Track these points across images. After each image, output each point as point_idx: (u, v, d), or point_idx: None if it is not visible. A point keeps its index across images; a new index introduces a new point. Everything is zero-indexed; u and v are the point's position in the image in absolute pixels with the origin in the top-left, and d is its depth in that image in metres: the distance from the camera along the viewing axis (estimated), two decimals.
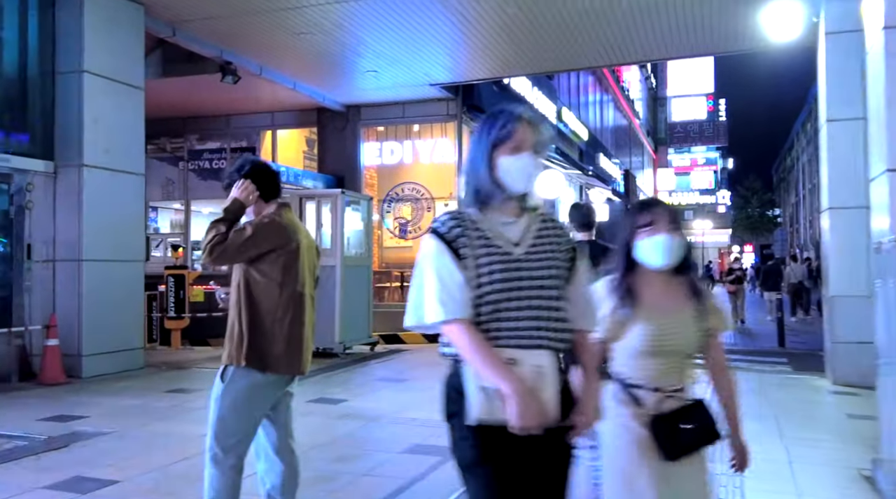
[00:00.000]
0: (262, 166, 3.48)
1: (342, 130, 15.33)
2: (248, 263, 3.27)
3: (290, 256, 3.31)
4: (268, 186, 3.43)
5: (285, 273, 3.28)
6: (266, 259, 3.26)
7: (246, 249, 3.23)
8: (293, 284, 3.31)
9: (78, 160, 8.47)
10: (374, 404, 7.03)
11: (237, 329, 3.25)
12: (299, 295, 3.34)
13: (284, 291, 3.28)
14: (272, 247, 3.26)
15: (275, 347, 3.24)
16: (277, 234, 3.29)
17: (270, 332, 3.24)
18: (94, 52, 8.60)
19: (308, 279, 3.42)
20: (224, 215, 3.30)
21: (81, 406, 6.76)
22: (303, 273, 3.37)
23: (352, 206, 10.91)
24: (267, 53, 11.67)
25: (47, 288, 8.45)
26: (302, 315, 3.35)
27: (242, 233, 3.25)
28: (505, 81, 16.01)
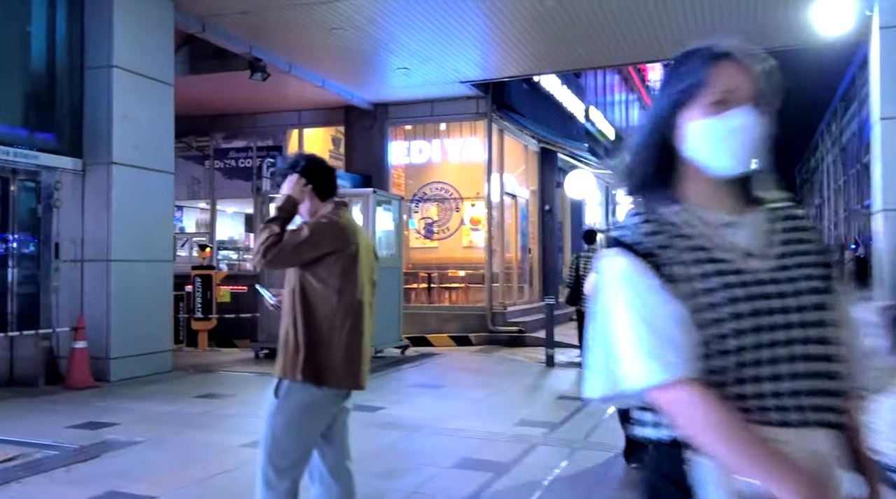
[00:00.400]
0: (317, 162, 3.20)
1: (369, 129, 15.06)
2: (303, 266, 2.99)
3: (348, 259, 3.03)
4: (324, 182, 3.15)
5: (344, 278, 3.00)
6: (323, 263, 2.98)
7: (302, 252, 2.95)
8: (352, 290, 3.03)
9: (107, 158, 8.26)
10: (414, 413, 6.74)
11: (292, 339, 2.98)
12: (358, 302, 3.05)
13: (343, 297, 3.00)
14: (330, 249, 2.99)
15: (332, 358, 2.96)
16: (336, 235, 3.02)
17: (328, 342, 2.96)
18: (123, 47, 8.39)
19: (367, 285, 3.14)
20: (277, 214, 3.03)
21: (111, 412, 6.53)
22: (361, 278, 3.09)
23: (382, 206, 10.64)
24: (297, 50, 11.43)
25: (75, 289, 8.25)
26: (361, 324, 3.06)
27: (298, 234, 2.97)
28: (535, 79, 15.69)
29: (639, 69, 32.96)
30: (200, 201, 16.52)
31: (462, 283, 14.97)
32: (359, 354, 3.05)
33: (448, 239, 15.27)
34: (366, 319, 3.10)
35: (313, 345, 2.95)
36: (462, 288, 14.98)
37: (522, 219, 16.66)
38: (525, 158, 16.93)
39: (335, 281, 2.99)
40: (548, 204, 17.54)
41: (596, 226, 23.40)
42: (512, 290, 15.74)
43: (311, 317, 2.97)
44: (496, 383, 8.54)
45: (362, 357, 3.07)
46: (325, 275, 2.98)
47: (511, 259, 15.90)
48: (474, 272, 14.79)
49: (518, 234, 16.32)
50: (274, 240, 2.94)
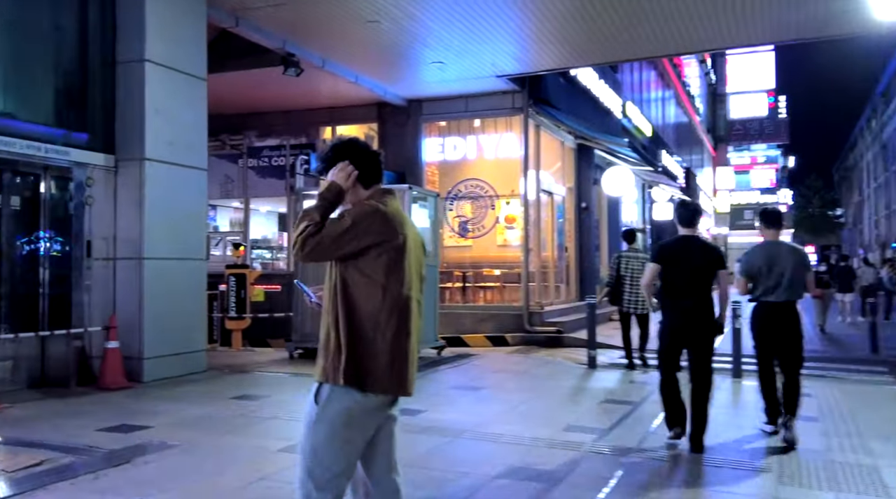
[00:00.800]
0: (360, 146, 2.93)
1: (403, 126, 14.82)
2: (345, 259, 2.72)
3: (395, 252, 2.74)
4: (368, 168, 2.88)
5: (389, 273, 2.72)
6: (368, 255, 2.70)
7: (344, 243, 2.68)
8: (398, 286, 2.74)
9: (139, 154, 8.10)
10: (455, 416, 6.45)
11: (333, 339, 2.70)
12: (406, 299, 2.77)
13: (388, 294, 2.72)
14: (375, 241, 2.70)
15: (377, 361, 2.69)
16: (382, 225, 2.73)
17: (372, 343, 2.69)
18: (155, 40, 8.22)
19: (415, 281, 2.85)
20: (319, 202, 2.77)
21: (144, 414, 6.34)
22: (409, 273, 2.81)
23: (418, 202, 10.37)
24: (331, 44, 11.21)
25: (107, 287, 8.10)
26: (408, 323, 2.78)
27: (340, 223, 2.69)
28: (572, 73, 15.32)
29: (675, 65, 32.38)
30: (234, 200, 16.41)
31: (497, 282, 14.66)
32: (406, 357, 2.76)
33: (483, 237, 14.97)
34: (413, 317, 2.81)
35: (356, 345, 2.68)
36: (497, 287, 14.67)
37: (559, 217, 16.29)
38: (561, 155, 16.56)
39: (380, 275, 2.71)
40: (584, 201, 17.16)
41: (633, 225, 22.95)
42: (549, 289, 15.38)
43: (353, 315, 2.69)
44: (538, 386, 8.22)
45: (409, 359, 2.79)
46: (368, 269, 2.70)
47: (547, 258, 15.54)
48: (510, 271, 14.47)
49: (554, 232, 15.96)
50: (312, 230, 2.68)
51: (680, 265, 5.55)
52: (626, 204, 21.61)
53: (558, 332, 13.24)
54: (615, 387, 8.25)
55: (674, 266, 5.58)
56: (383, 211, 2.77)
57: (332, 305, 2.74)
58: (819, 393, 7.97)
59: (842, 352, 13.01)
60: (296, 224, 2.76)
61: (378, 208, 2.76)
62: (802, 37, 11.47)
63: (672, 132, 33.35)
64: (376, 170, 2.92)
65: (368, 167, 2.88)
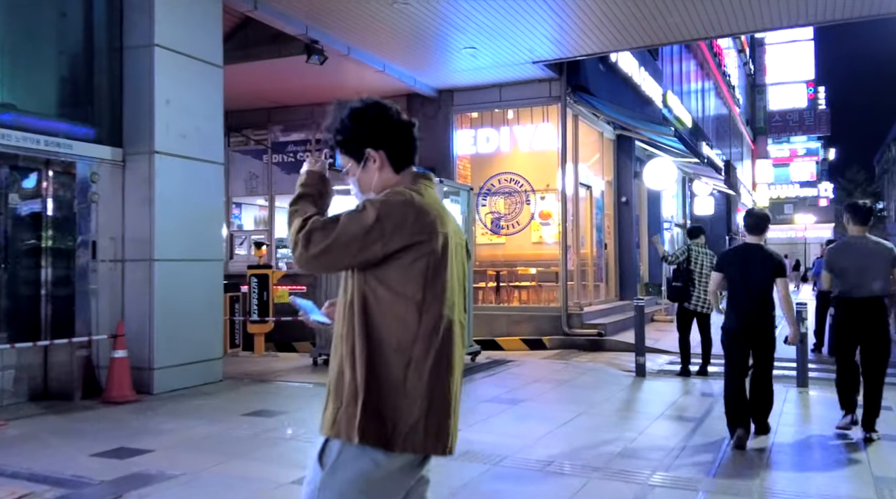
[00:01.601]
0: (391, 113, 2.17)
1: (433, 118, 14.09)
2: (366, 268, 2.00)
3: (435, 258, 2.01)
4: (400, 143, 2.17)
5: (427, 286, 2.00)
6: (397, 262, 1.98)
7: (367, 245, 1.95)
8: (438, 304, 2.01)
9: (149, 147, 7.48)
10: (493, 438, 5.71)
11: (348, 379, 1.98)
12: (448, 323, 2.04)
13: (425, 316, 1.99)
14: (408, 242, 1.98)
15: (408, 409, 1.96)
16: (417, 221, 2.00)
17: (401, 384, 1.96)
18: (166, 24, 7.59)
19: (458, 297, 2.12)
20: (301, 191, 2.16)
21: (147, 435, 5.70)
22: (452, 286, 2.08)
23: (451, 197, 9.64)
24: (356, 30, 10.50)
25: (115, 291, 7.50)
26: (451, 355, 2.05)
27: (360, 217, 1.97)
28: (612, 59, 14.47)
29: (715, 54, 31.24)
30: (259, 197, 15.84)
31: (533, 281, 13.89)
32: (447, 402, 2.03)
33: (517, 234, 14.20)
34: (457, 347, 2.08)
35: (380, 388, 1.96)
36: (533, 287, 13.89)
37: (597, 212, 15.45)
38: (600, 146, 15.71)
39: (414, 290, 1.98)
40: (624, 196, 16.29)
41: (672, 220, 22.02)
42: (588, 288, 14.57)
43: (377, 345, 1.97)
44: (583, 398, 7.45)
45: (452, 405, 2.05)
46: (398, 281, 1.98)
47: (586, 255, 14.72)
48: (546, 270, 13.68)
49: (593, 228, 15.13)
50: (316, 222, 1.98)
51: (742, 273, 5.72)
52: (666, 198, 20.67)
53: (599, 334, 12.44)
54: (671, 399, 7.44)
55: (736, 274, 5.76)
56: (419, 202, 2.03)
57: (347, 331, 2.02)
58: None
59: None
60: (290, 221, 2.05)
61: (412, 198, 2.03)
62: (848, 16, 10.51)
63: (712, 124, 32.20)
64: (409, 146, 2.19)
65: (400, 143, 2.16)
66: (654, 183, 16.00)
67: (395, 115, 2.17)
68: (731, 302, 5.81)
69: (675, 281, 9.19)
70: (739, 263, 5.76)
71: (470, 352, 9.82)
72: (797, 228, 62.04)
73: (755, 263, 5.67)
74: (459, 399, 2.12)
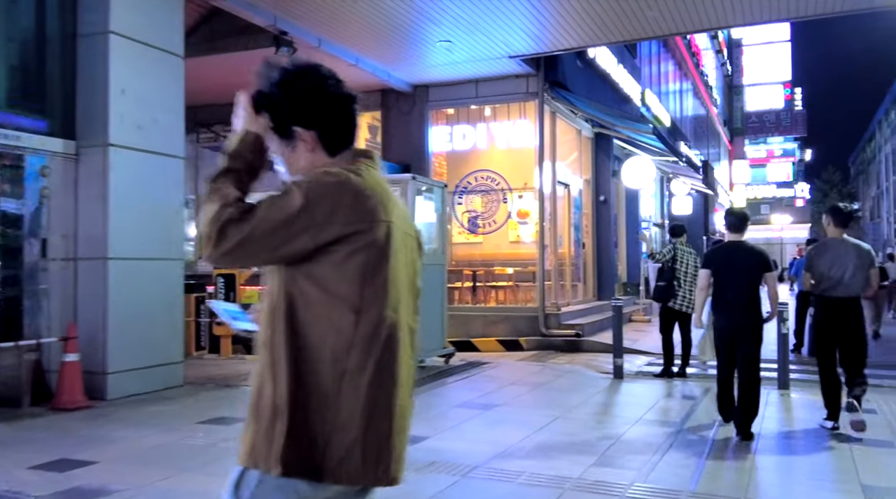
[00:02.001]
0: (327, 83, 1.80)
1: (408, 114, 13.77)
2: (292, 263, 1.67)
3: (375, 251, 1.68)
4: (336, 120, 1.81)
5: (365, 284, 1.67)
6: (329, 257, 1.64)
7: (291, 236, 1.62)
8: (380, 305, 1.69)
9: (103, 139, 7.09)
10: (463, 445, 5.41)
11: (269, 396, 1.66)
12: (391, 327, 1.71)
13: (363, 319, 1.66)
14: (343, 232, 1.64)
15: (343, 430, 1.64)
16: (354, 206, 1.66)
17: (333, 399, 1.64)
18: (121, 10, 7.21)
19: (406, 297, 1.79)
20: (228, 165, 1.74)
21: (93, 445, 5.34)
22: (397, 285, 1.75)
23: (424, 194, 9.33)
24: (327, 22, 10.16)
25: (67, 292, 7.10)
26: (395, 366, 1.72)
27: (284, 202, 1.63)
28: (590, 55, 14.23)
29: (693, 53, 31.20)
30: None
31: (510, 281, 13.61)
32: (390, 420, 1.71)
33: (494, 233, 13.92)
34: (404, 355, 1.75)
35: (308, 406, 1.63)
36: (510, 287, 13.61)
37: (575, 210, 15.22)
38: (578, 144, 15.49)
39: (350, 289, 1.65)
40: (603, 194, 16.09)
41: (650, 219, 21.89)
42: (565, 288, 14.33)
43: (304, 354, 1.65)
44: (559, 402, 7.17)
45: (396, 425, 1.73)
46: (330, 278, 1.65)
47: (564, 255, 14.48)
48: (523, 270, 13.41)
49: (571, 227, 14.89)
50: (234, 214, 1.63)
51: (729, 270, 5.98)
52: (644, 198, 20.51)
53: (577, 335, 12.19)
54: (650, 402, 7.19)
55: (723, 271, 6.02)
56: (357, 183, 1.69)
57: (269, 338, 1.70)
58: (884, 408, 6.93)
59: (888, 355, 11.89)
60: (204, 204, 1.71)
61: (348, 179, 1.69)
62: (821, 12, 10.37)
63: (689, 124, 32.17)
64: (347, 127, 1.85)
65: (336, 123, 1.82)
66: (633, 182, 15.79)
67: (333, 86, 1.82)
68: (718, 300, 6.04)
69: (660, 280, 8.93)
70: (725, 259, 6.06)
71: (443, 354, 9.52)
72: (774, 229, 62.46)
73: (741, 260, 5.97)
74: (410, 416, 1.81)
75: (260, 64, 1.81)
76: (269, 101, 1.77)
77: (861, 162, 78.94)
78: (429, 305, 9.08)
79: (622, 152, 17.09)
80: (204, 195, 1.69)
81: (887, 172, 61.65)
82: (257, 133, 1.76)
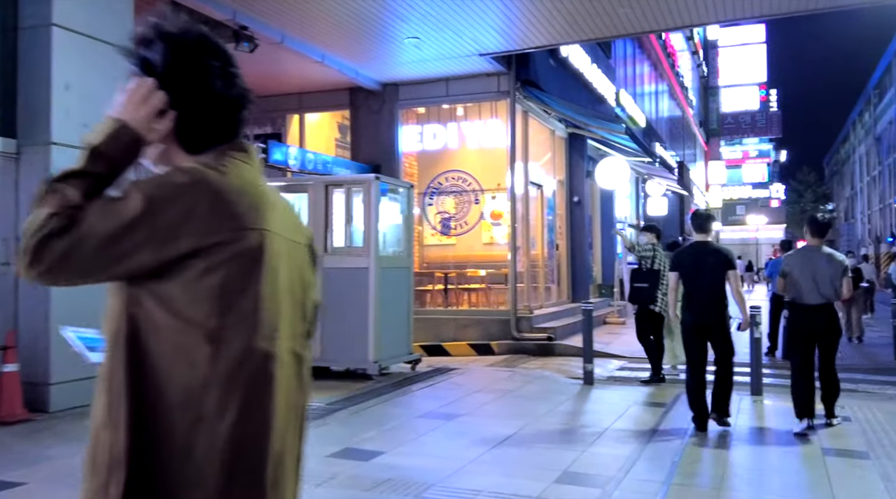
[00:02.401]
0: (217, 53, 1.48)
1: (378, 113, 13.48)
2: (135, 281, 1.34)
3: (241, 268, 1.35)
4: (206, 107, 1.47)
5: (229, 308, 1.34)
6: (182, 272, 1.32)
7: (127, 252, 1.29)
8: (246, 333, 1.36)
9: (45, 137, 6.72)
10: (420, 461, 5.13)
11: (107, 444, 1.33)
12: (261, 360, 1.39)
13: (225, 350, 1.34)
14: (197, 244, 1.31)
15: (194, 489, 1.32)
16: (213, 213, 1.34)
17: (187, 451, 1.32)
18: (66, 1, 6.84)
19: (288, 319, 1.47)
20: (84, 164, 1.36)
21: (26, 463, 4.99)
22: (274, 308, 1.42)
23: (388, 195, 9.04)
24: (290, 15, 9.83)
25: (6, 298, 6.72)
26: (268, 406, 1.39)
27: (118, 209, 1.30)
28: (563, 54, 14.01)
29: (669, 54, 31.17)
30: None
31: (482, 283, 13.36)
32: (260, 475, 1.38)
33: (466, 235, 13.67)
34: (282, 391, 1.42)
35: (154, 458, 1.32)
36: (483, 289, 13.37)
37: (549, 212, 15.01)
38: (552, 145, 15.27)
39: (207, 314, 1.32)
40: (576, 195, 15.89)
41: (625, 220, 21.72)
42: (538, 291, 14.09)
43: (150, 394, 1.33)
44: (525, 411, 6.91)
45: (266, 479, 1.38)
46: (184, 301, 1.32)
47: (537, 256, 14.25)
48: (496, 272, 13.16)
49: (544, 228, 14.67)
50: (61, 224, 1.29)
51: (696, 269, 6.26)
52: (619, 198, 20.37)
53: (549, 338, 11.97)
54: (619, 410, 6.94)
55: (690, 270, 6.30)
56: (217, 184, 1.36)
57: (107, 372, 1.38)
58: (858, 415, 6.73)
59: (865, 359, 11.79)
60: (32, 209, 1.38)
61: (204, 177, 1.35)
62: (795, 9, 10.24)
63: (665, 126, 32.16)
64: (228, 112, 1.51)
65: (208, 108, 1.47)
66: (607, 182, 15.62)
67: (222, 58, 1.47)
68: (686, 298, 6.32)
69: (640, 282, 8.66)
70: (692, 260, 6.33)
71: (409, 360, 9.22)
72: (749, 229, 62.85)
73: (707, 259, 6.24)
74: (293, 464, 1.49)
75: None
76: (136, 60, 1.44)
77: (835, 163, 79.71)
78: (394, 309, 8.79)
79: (596, 153, 16.92)
80: (35, 197, 1.36)
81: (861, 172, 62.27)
82: (138, 131, 1.39)
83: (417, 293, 12.73)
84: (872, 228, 55.50)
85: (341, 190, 8.78)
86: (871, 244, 50.97)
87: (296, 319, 1.50)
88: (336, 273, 8.30)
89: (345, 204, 8.69)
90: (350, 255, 8.48)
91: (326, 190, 8.66)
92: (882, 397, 8.03)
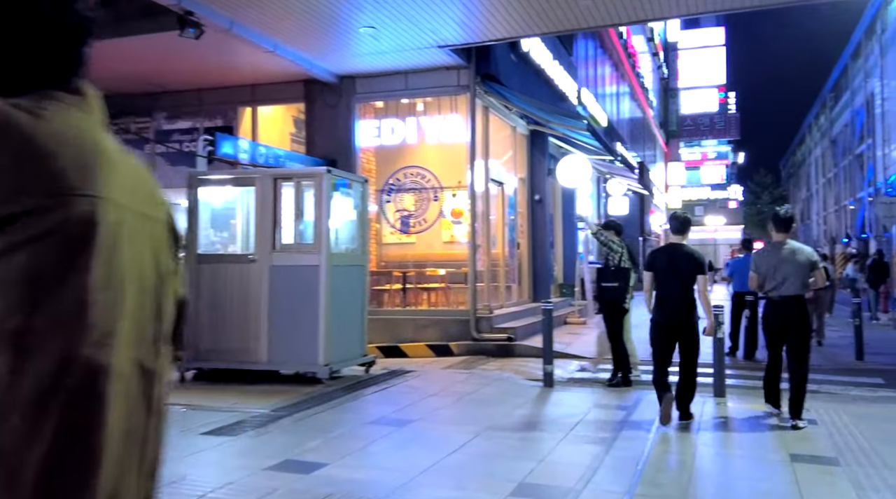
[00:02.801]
0: None
1: (334, 107, 13.04)
2: None
3: (59, 246, 0.94)
4: (14, 25, 1.02)
5: (39, 302, 0.93)
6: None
7: None
8: (65, 337, 0.95)
9: None
10: (366, 474, 4.75)
11: None
12: (88, 373, 0.98)
13: (34, 360, 0.92)
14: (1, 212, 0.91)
15: None
16: (22, 168, 0.92)
17: None
18: None
19: (138, 318, 1.07)
20: None
21: None
22: (106, 303, 1.00)
23: (341, 190, 8.63)
24: (239, 2, 9.36)
25: None
26: (95, 436, 0.98)
27: None
28: (524, 48, 13.72)
29: (630, 55, 31.21)
30: None
31: (442, 282, 13.01)
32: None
33: (426, 233, 13.31)
34: (118, 414, 1.00)
35: None
36: (442, 289, 13.01)
37: (510, 210, 14.72)
38: (513, 142, 14.98)
39: (9, 310, 0.91)
40: (538, 194, 15.64)
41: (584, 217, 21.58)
42: (499, 290, 13.79)
43: None
44: (482, 416, 6.57)
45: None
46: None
47: (497, 255, 13.95)
48: (456, 271, 12.82)
49: (505, 227, 14.38)
50: None
51: (668, 270, 6.42)
52: (581, 197, 20.20)
53: (509, 339, 11.66)
54: (580, 414, 6.64)
55: (664, 271, 6.45)
56: (23, 128, 0.95)
57: None
58: (824, 418, 6.53)
59: (826, 360, 11.70)
60: None
61: (6, 122, 0.94)
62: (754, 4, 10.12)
63: (626, 126, 32.21)
64: (59, 43, 1.13)
65: (26, 31, 1.08)
66: (568, 180, 15.37)
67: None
68: (658, 297, 6.46)
69: (609, 281, 8.27)
70: (667, 260, 6.48)
71: (363, 363, 8.83)
72: (707, 230, 63.55)
73: (680, 261, 6.40)
74: None
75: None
76: None
77: (792, 165, 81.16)
78: (347, 309, 8.40)
79: (558, 151, 16.69)
80: None
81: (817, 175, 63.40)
82: None
83: (375, 293, 12.34)
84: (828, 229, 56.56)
85: (290, 184, 8.35)
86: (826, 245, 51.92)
87: (145, 320, 1.10)
88: (285, 271, 7.89)
89: (294, 199, 8.27)
90: (300, 252, 8.06)
91: (275, 183, 8.22)
92: (846, 398, 7.86)
